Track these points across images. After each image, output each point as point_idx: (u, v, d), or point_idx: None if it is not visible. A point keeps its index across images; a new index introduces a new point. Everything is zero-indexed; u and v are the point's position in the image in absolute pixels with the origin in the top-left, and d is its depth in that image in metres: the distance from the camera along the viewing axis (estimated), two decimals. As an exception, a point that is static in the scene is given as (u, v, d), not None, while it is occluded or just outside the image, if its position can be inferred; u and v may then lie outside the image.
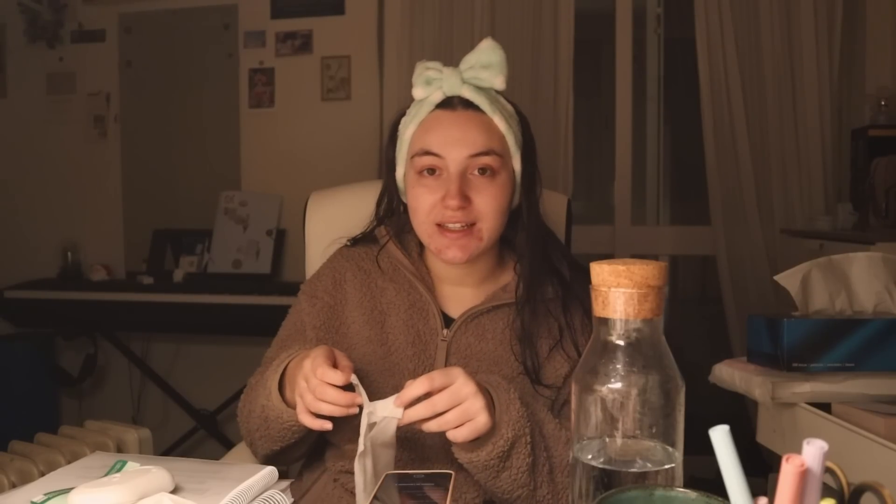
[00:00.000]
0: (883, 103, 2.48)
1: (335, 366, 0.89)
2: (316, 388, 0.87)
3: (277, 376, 1.00)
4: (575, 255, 1.23)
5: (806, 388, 1.14)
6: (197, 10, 3.14)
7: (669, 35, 3.11)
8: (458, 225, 1.02)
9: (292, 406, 0.97)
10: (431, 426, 0.85)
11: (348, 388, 0.87)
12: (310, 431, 0.98)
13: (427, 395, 0.85)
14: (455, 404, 0.85)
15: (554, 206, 1.31)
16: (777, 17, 2.61)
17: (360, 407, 0.87)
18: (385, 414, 0.85)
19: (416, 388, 0.84)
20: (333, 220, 1.32)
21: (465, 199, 1.01)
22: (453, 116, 1.04)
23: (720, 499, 0.48)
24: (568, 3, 2.74)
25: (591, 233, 2.90)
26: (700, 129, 2.70)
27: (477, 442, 0.89)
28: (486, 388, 0.91)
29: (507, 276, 1.12)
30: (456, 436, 0.86)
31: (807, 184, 2.61)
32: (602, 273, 0.58)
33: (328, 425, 0.88)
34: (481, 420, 0.85)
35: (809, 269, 1.26)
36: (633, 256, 0.67)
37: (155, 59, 3.20)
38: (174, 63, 3.18)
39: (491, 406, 0.89)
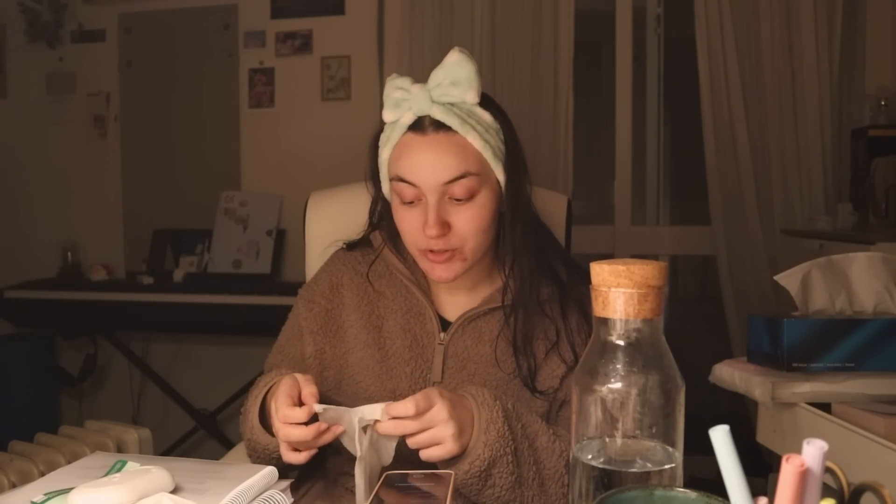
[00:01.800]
0: (883, 103, 2.48)
1: (300, 394, 0.90)
2: (279, 432, 0.89)
3: (257, 408, 1.00)
4: (575, 255, 1.23)
5: (806, 388, 1.14)
6: (197, 10, 3.13)
7: (669, 35, 3.11)
8: (441, 250, 1.02)
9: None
10: (408, 441, 0.87)
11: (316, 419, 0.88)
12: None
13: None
14: (424, 429, 0.86)
15: (554, 206, 1.31)
16: (777, 17, 2.61)
17: (342, 426, 0.88)
18: (371, 417, 0.87)
19: (401, 409, 0.85)
20: (333, 220, 1.32)
21: (444, 227, 1.00)
22: (425, 141, 1.00)
23: (720, 499, 0.48)
24: (568, 3, 2.74)
25: (591, 233, 2.90)
26: (700, 129, 2.70)
27: (453, 460, 0.89)
28: (469, 405, 0.91)
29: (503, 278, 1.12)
30: (426, 456, 0.88)
31: (807, 184, 2.61)
32: (602, 273, 0.58)
33: (309, 455, 0.91)
34: (449, 446, 0.87)
35: (809, 269, 1.26)
36: (633, 256, 0.67)
37: (155, 59, 3.20)
38: (174, 63, 3.18)
39: (471, 424, 0.90)
